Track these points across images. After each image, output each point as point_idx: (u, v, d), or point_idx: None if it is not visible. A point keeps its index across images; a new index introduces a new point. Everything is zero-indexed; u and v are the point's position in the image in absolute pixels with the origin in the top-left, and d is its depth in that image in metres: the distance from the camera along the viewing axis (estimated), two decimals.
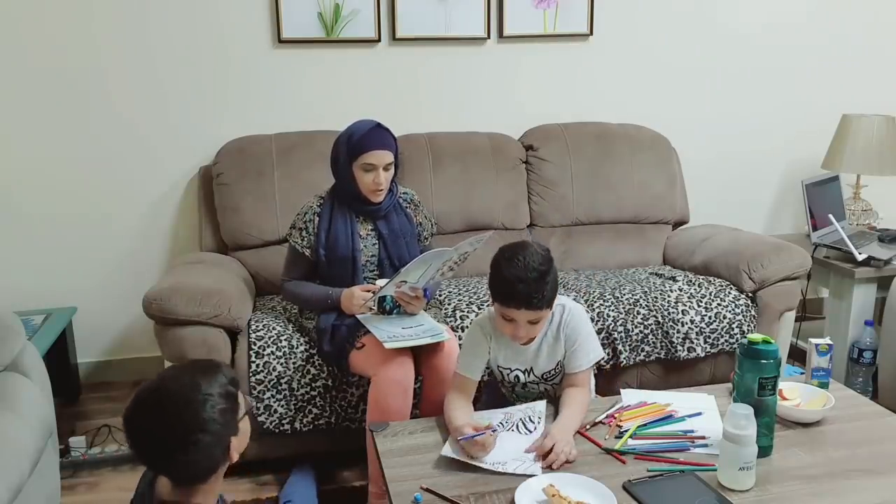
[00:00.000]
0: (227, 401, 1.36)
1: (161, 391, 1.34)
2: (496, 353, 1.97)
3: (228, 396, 1.37)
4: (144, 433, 1.32)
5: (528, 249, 1.81)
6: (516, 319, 1.80)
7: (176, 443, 1.30)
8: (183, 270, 2.58)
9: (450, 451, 1.70)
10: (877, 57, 3.65)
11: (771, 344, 1.68)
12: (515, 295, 1.76)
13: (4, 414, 1.85)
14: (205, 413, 1.31)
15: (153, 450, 1.33)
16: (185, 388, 1.33)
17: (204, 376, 1.36)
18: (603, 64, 3.39)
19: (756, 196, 3.69)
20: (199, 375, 1.36)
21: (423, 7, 3.13)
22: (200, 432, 1.30)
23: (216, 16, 3.00)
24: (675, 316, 2.64)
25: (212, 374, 1.37)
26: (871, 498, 1.56)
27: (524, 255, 1.78)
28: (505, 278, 1.78)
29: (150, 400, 1.33)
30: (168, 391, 1.33)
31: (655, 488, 1.57)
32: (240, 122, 3.05)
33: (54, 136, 2.97)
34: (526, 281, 1.75)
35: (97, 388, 3.13)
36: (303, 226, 2.33)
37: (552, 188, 3.14)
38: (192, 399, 1.31)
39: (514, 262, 1.78)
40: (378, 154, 2.22)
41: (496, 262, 1.83)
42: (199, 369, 1.39)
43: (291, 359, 2.34)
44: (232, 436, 1.38)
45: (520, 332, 1.82)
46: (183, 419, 1.30)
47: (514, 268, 1.77)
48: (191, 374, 1.36)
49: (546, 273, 1.78)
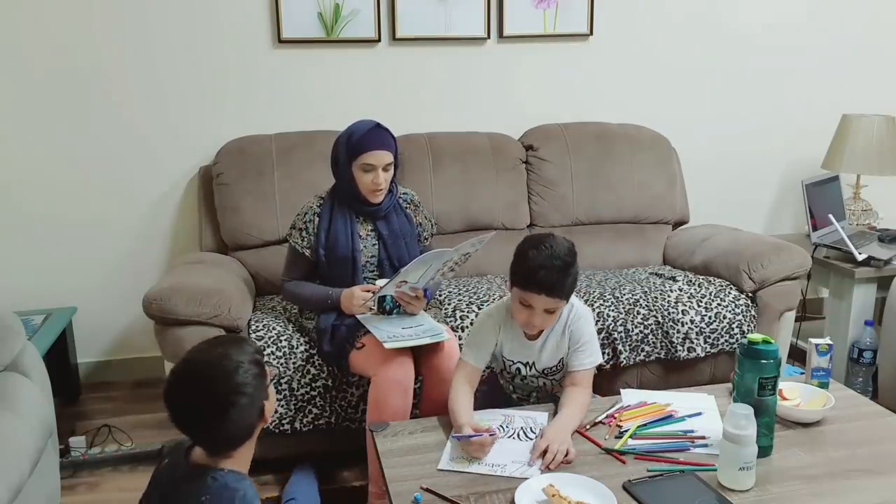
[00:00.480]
0: (256, 366, 1.47)
1: (196, 363, 1.45)
2: (503, 345, 1.99)
3: (257, 363, 1.48)
4: (185, 405, 1.42)
5: (555, 239, 1.84)
6: (534, 306, 1.81)
7: (216, 408, 1.40)
8: (183, 270, 2.58)
9: (447, 464, 1.68)
10: (877, 57, 3.65)
11: (771, 344, 1.68)
12: (538, 280, 1.78)
13: (4, 414, 1.85)
14: (238, 377, 1.42)
15: (195, 418, 1.42)
16: (218, 358, 1.44)
17: (232, 347, 1.47)
18: (603, 64, 3.39)
19: (756, 196, 3.69)
20: (228, 346, 1.47)
21: (423, 7, 3.13)
22: (236, 395, 1.41)
23: (216, 16, 3.00)
24: (675, 316, 2.64)
25: (238, 344, 1.49)
26: (871, 498, 1.56)
27: (551, 244, 1.81)
28: (530, 263, 1.80)
29: (186, 373, 1.44)
30: (202, 363, 1.45)
31: (655, 488, 1.57)
32: (240, 122, 3.05)
33: (54, 136, 2.97)
34: (550, 268, 1.78)
35: (97, 388, 3.13)
36: (303, 226, 2.33)
37: (552, 188, 3.14)
38: (226, 366, 1.42)
39: (540, 248, 1.81)
40: (377, 154, 2.22)
41: (522, 248, 1.85)
42: (227, 341, 1.53)
43: (291, 359, 2.34)
44: (264, 399, 1.49)
45: (535, 320, 1.83)
46: (220, 385, 1.41)
47: (541, 254, 1.79)
48: (220, 346, 1.48)
49: (570, 264, 1.81)
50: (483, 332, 1.98)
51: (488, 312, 2.01)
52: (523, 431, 1.82)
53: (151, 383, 3.06)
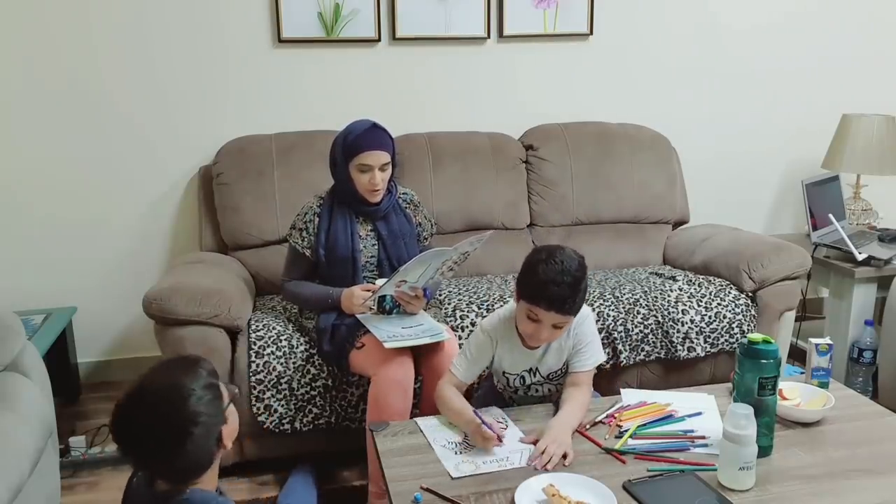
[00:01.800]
0: (210, 391, 1.38)
1: (144, 394, 1.35)
2: (501, 360, 1.96)
3: (211, 387, 1.39)
4: (136, 438, 1.33)
5: (565, 253, 1.79)
6: (542, 321, 1.78)
7: (170, 441, 1.32)
8: (183, 270, 2.58)
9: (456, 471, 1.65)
10: (877, 57, 3.65)
11: (771, 344, 1.68)
12: (548, 296, 1.75)
13: (4, 414, 1.85)
14: (191, 407, 1.33)
15: (148, 453, 1.34)
16: (168, 388, 1.35)
17: (183, 373, 1.38)
18: (603, 64, 3.39)
19: (756, 196, 3.69)
20: (178, 373, 1.38)
21: (423, 7, 3.13)
22: (192, 425, 1.32)
23: (216, 16, 3.00)
24: (675, 316, 2.64)
25: (190, 369, 1.39)
26: (871, 498, 1.56)
27: (562, 259, 1.77)
28: (540, 278, 1.76)
29: (134, 406, 1.34)
30: (151, 394, 1.35)
31: (655, 488, 1.57)
32: (240, 122, 3.05)
33: (54, 137, 2.97)
34: (561, 284, 1.74)
35: (97, 388, 3.13)
36: (303, 226, 2.33)
37: (552, 188, 3.14)
38: (176, 397, 1.33)
39: (550, 263, 1.76)
40: (373, 154, 2.22)
41: (532, 261, 1.81)
42: (177, 367, 1.41)
43: (291, 359, 2.34)
44: (221, 425, 1.40)
45: (542, 335, 1.81)
46: (171, 417, 1.32)
47: (551, 269, 1.75)
48: (170, 373, 1.38)
49: (580, 280, 1.78)
50: (477, 349, 1.94)
51: (484, 328, 1.95)
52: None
53: None
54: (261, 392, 2.31)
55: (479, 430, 1.72)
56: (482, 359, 1.95)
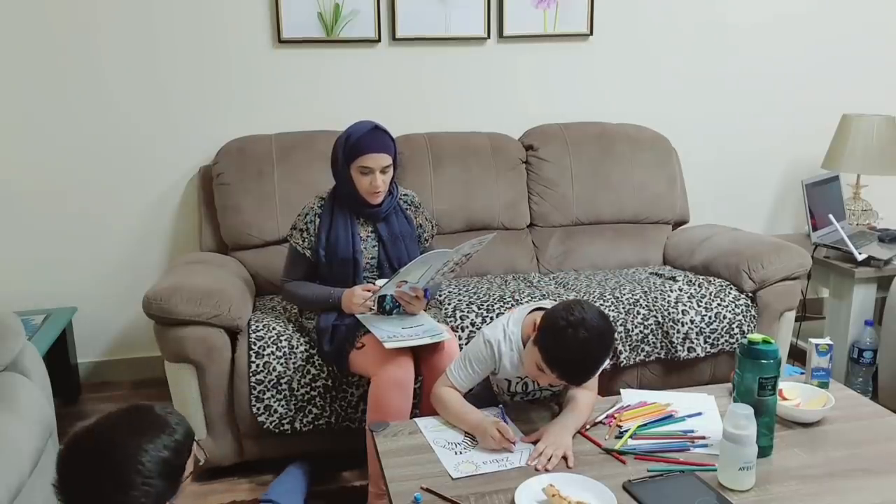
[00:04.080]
0: (164, 469, 1.27)
1: (97, 441, 1.27)
2: (504, 371, 1.93)
3: (166, 465, 1.27)
4: (67, 483, 1.25)
5: (595, 328, 1.68)
6: (554, 381, 1.76)
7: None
8: (183, 270, 2.58)
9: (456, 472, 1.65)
10: (877, 57, 3.65)
11: (771, 344, 1.68)
12: (566, 371, 1.72)
13: (4, 414, 1.85)
14: (135, 491, 1.23)
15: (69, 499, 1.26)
16: (120, 459, 1.24)
17: (143, 438, 1.27)
18: (603, 64, 3.39)
19: (756, 196, 3.69)
20: (138, 439, 1.27)
21: (423, 7, 3.13)
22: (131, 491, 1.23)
23: (216, 16, 3.00)
24: (675, 316, 2.64)
25: (153, 434, 1.28)
26: (871, 498, 1.56)
27: (590, 338, 1.67)
28: (563, 355, 1.69)
29: (81, 456, 1.26)
30: (102, 454, 1.25)
31: (655, 488, 1.57)
32: (240, 122, 3.05)
33: (54, 136, 2.97)
34: (583, 364, 1.72)
35: (97, 388, 3.14)
36: (304, 227, 2.33)
37: (552, 188, 3.14)
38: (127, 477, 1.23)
39: (579, 333, 1.66)
40: (374, 157, 2.21)
41: (559, 326, 1.68)
42: (139, 431, 1.28)
43: (291, 359, 2.34)
44: (171, 498, 1.30)
45: (545, 381, 1.79)
46: (105, 492, 1.23)
47: (577, 345, 1.66)
48: (130, 437, 1.27)
49: (602, 360, 1.75)
50: (479, 362, 1.91)
51: (487, 339, 1.89)
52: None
53: (151, 383, 3.06)
54: (261, 392, 2.31)
55: (498, 427, 1.71)
56: (482, 371, 1.92)
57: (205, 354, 2.32)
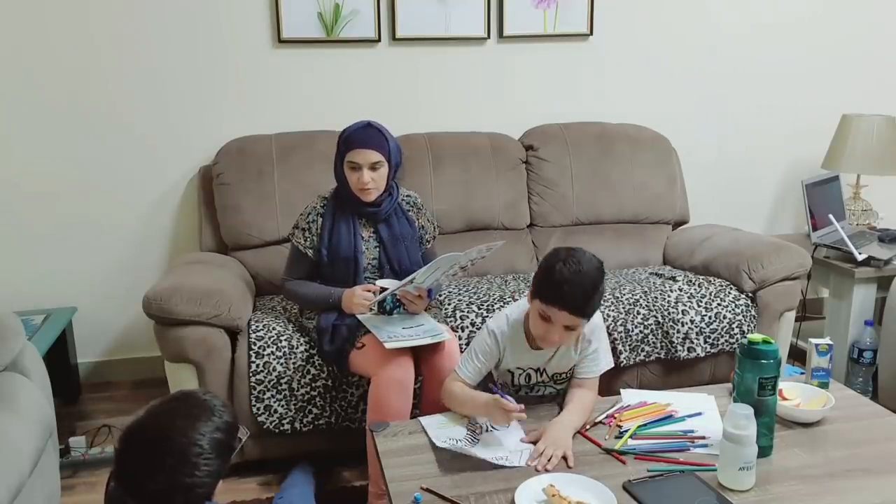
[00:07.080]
0: (219, 448, 1.38)
1: (156, 443, 1.36)
2: (507, 360, 1.94)
3: (220, 445, 1.38)
4: (135, 477, 1.35)
5: (584, 255, 1.78)
6: (554, 321, 1.76)
7: (165, 492, 1.33)
8: (183, 270, 2.58)
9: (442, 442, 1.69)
10: (877, 57, 3.65)
11: (771, 344, 1.68)
12: (563, 296, 1.73)
13: (4, 414, 1.85)
14: (198, 471, 1.34)
15: (141, 491, 1.35)
16: (181, 445, 1.35)
17: (198, 422, 1.38)
18: (603, 64, 3.39)
19: (756, 196, 3.69)
20: (193, 423, 1.37)
21: (423, 7, 3.13)
22: (189, 489, 1.34)
23: (216, 16, 3.00)
24: (675, 316, 2.64)
25: (205, 418, 1.39)
26: (871, 498, 1.56)
27: (581, 261, 1.75)
28: (556, 278, 1.74)
29: (143, 448, 1.35)
30: (163, 442, 1.35)
31: (655, 488, 1.57)
32: (240, 122, 3.05)
33: (54, 137, 2.97)
34: (578, 285, 1.73)
35: (97, 388, 3.13)
36: (306, 226, 2.34)
37: (552, 188, 3.14)
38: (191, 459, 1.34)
39: (569, 263, 1.74)
40: (362, 153, 2.22)
41: (550, 261, 1.78)
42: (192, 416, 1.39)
43: (291, 359, 2.34)
44: (219, 481, 1.40)
45: (553, 336, 1.79)
46: (175, 476, 1.33)
47: (569, 269, 1.73)
48: (185, 423, 1.38)
49: (598, 283, 1.76)
50: (484, 351, 1.92)
51: (491, 329, 1.93)
52: (489, 425, 1.81)
53: (151, 383, 3.06)
54: (261, 392, 2.31)
55: (498, 404, 1.71)
56: (488, 360, 1.94)
57: (205, 354, 2.32)
